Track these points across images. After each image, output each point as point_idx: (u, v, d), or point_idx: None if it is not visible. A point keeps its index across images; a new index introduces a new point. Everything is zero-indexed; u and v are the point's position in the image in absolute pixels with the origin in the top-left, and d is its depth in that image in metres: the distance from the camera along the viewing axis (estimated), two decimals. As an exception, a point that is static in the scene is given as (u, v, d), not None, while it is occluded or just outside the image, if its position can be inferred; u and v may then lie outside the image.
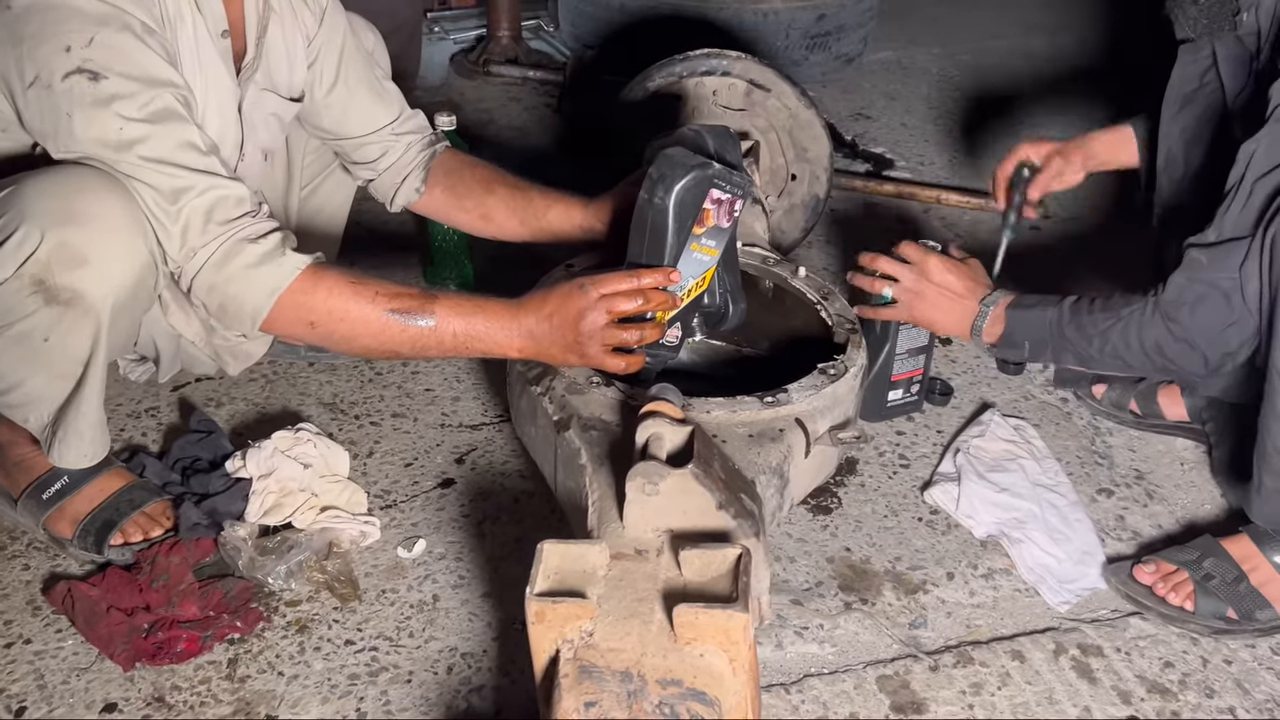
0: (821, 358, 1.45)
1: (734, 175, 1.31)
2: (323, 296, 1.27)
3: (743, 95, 1.93)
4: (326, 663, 1.28)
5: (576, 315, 1.29)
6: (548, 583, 1.00)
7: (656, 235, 1.31)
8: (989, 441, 1.66)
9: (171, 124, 1.23)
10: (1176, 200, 1.54)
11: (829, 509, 1.55)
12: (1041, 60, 3.30)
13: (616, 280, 1.29)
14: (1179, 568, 1.39)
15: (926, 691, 1.27)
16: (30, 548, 1.42)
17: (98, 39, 1.19)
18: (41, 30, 1.18)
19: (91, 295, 1.21)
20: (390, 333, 1.28)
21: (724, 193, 1.30)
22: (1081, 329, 1.39)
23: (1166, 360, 1.35)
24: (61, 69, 1.18)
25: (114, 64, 1.20)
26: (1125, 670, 1.32)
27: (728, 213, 1.32)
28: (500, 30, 3.06)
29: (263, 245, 1.26)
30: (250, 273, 1.25)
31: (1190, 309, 1.31)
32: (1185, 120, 1.51)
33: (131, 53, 1.21)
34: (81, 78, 1.18)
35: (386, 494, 1.53)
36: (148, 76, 1.22)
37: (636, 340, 1.31)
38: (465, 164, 1.66)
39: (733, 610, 0.94)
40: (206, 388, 1.72)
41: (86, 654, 1.27)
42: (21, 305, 1.20)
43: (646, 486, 1.08)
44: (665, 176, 1.28)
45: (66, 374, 1.27)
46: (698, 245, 1.33)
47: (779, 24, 2.89)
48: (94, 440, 1.35)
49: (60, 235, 1.18)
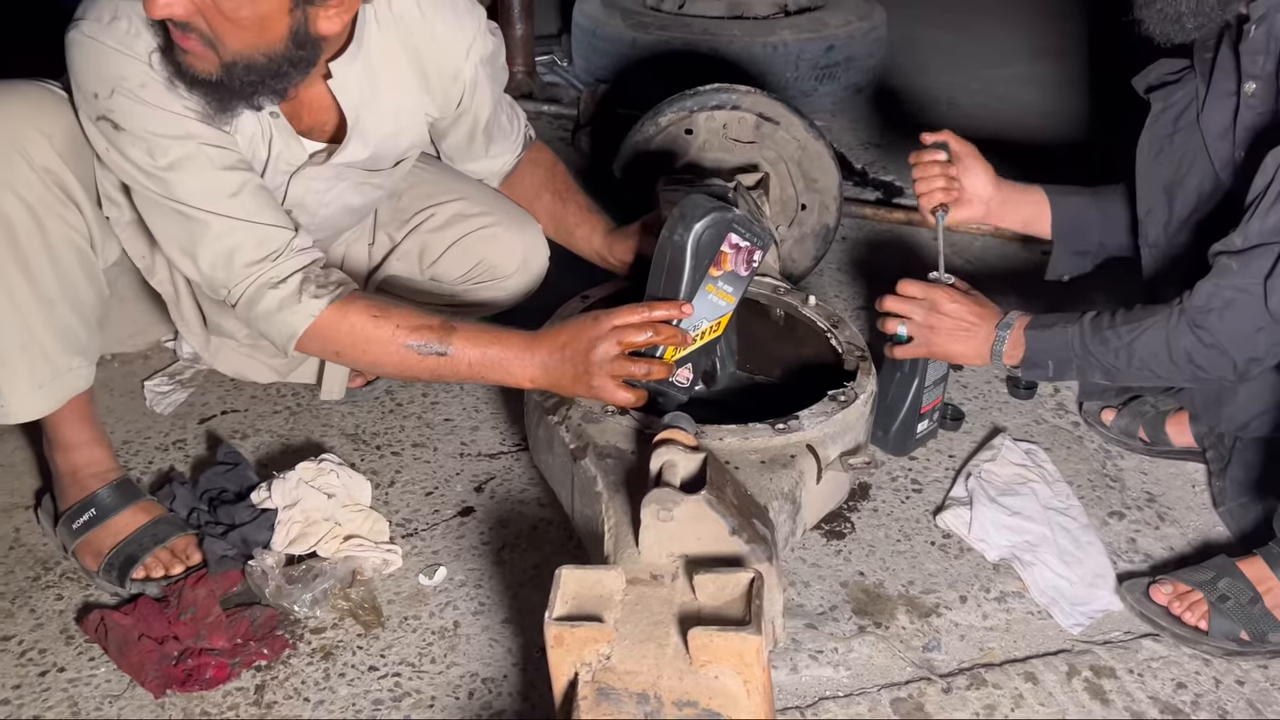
0: (832, 385, 1.48)
1: (755, 225, 1.37)
2: (345, 330, 1.35)
3: (752, 128, 1.97)
4: (351, 688, 1.31)
5: (588, 346, 1.33)
6: (566, 608, 1.03)
7: (674, 271, 1.36)
8: (1000, 466, 1.68)
9: (197, 168, 1.29)
10: (1168, 246, 1.56)
11: (842, 534, 1.57)
12: (1050, 85, 3.34)
13: (629, 313, 1.34)
14: (1194, 588, 1.40)
15: (940, 713, 1.29)
16: (64, 578, 1.46)
17: (116, 94, 1.27)
18: (77, 73, 1.27)
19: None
20: (409, 362, 1.36)
21: (743, 239, 1.36)
22: (1106, 343, 1.40)
23: (1197, 368, 1.36)
24: (93, 113, 1.29)
25: (131, 119, 1.28)
26: (1138, 691, 1.33)
27: (746, 261, 1.37)
28: (515, 66, 3.13)
29: (281, 291, 1.33)
30: (272, 317, 1.34)
31: (1219, 314, 1.32)
32: (1164, 168, 1.53)
33: (147, 111, 1.28)
34: (106, 124, 1.28)
35: (408, 522, 1.57)
36: (166, 133, 1.28)
37: (644, 374, 1.35)
38: (528, 163, 1.75)
39: (746, 633, 0.97)
40: (232, 420, 1.76)
41: (119, 681, 1.30)
42: None
43: (661, 513, 1.11)
44: (686, 215, 1.35)
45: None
46: (714, 287, 1.37)
47: (788, 56, 2.94)
48: (31, 381, 1.34)
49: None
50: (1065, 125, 3.07)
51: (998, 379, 1.92)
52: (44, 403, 1.37)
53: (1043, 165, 1.71)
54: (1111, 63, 3.47)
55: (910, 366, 1.64)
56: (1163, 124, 1.51)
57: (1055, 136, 2.97)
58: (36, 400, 1.36)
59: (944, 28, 3.82)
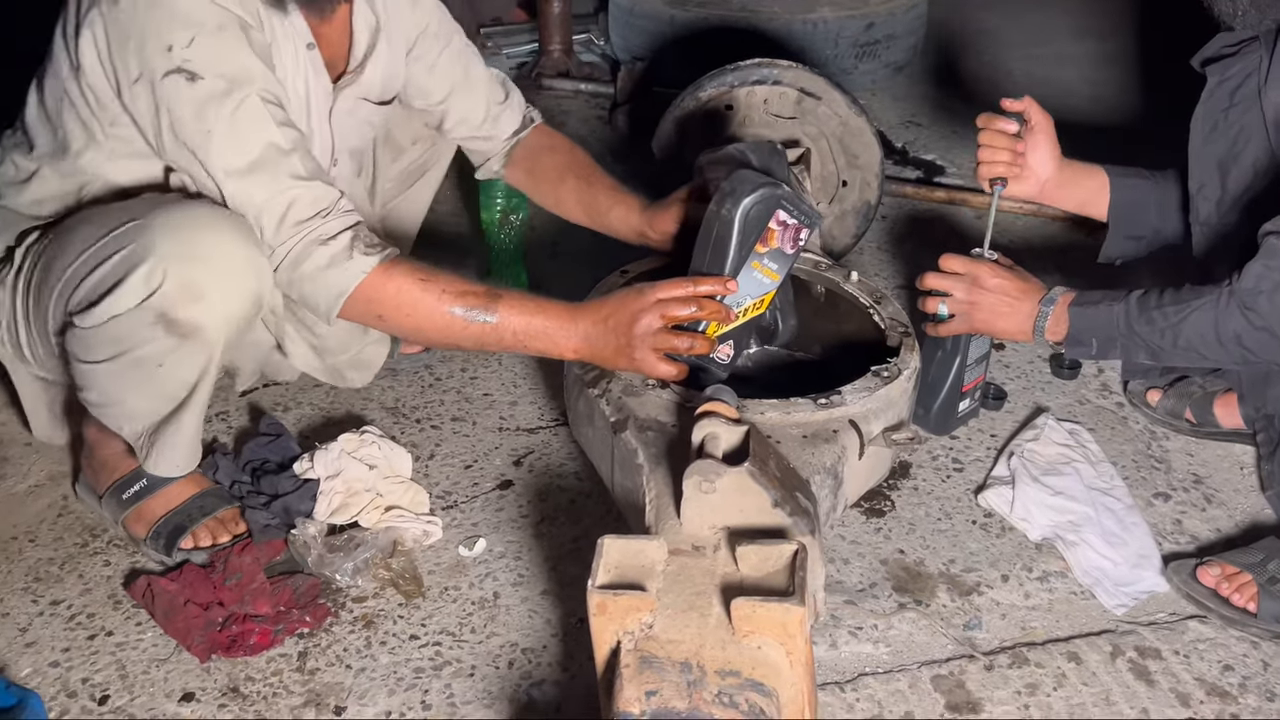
0: (875, 361, 1.47)
1: (803, 201, 1.35)
2: (392, 292, 1.33)
3: (793, 103, 1.95)
4: (392, 656, 1.32)
5: (631, 318, 1.32)
6: (609, 576, 1.03)
7: (720, 246, 1.35)
8: (1043, 445, 1.66)
9: (254, 125, 1.29)
10: (1220, 224, 1.53)
11: (882, 512, 1.56)
12: (1091, 66, 3.28)
13: (674, 286, 1.33)
14: (1243, 569, 1.38)
15: (981, 691, 1.28)
16: (111, 545, 1.48)
17: (198, 39, 1.26)
18: (146, 28, 1.26)
19: (209, 329, 1.28)
20: (454, 328, 1.34)
21: (790, 217, 1.34)
22: (1152, 323, 1.38)
23: (1246, 350, 1.34)
24: (163, 68, 1.26)
25: (211, 64, 1.27)
26: (1184, 673, 1.31)
27: (793, 239, 1.36)
28: (552, 45, 3.12)
29: (332, 247, 1.31)
30: (320, 275, 1.31)
31: (1269, 296, 1.30)
32: (1218, 143, 1.49)
33: (227, 51, 1.28)
34: (180, 78, 1.26)
35: (448, 495, 1.58)
36: (242, 74, 1.28)
37: (686, 348, 1.34)
38: (546, 149, 1.73)
39: (790, 604, 0.97)
40: (274, 393, 1.78)
41: (165, 646, 1.33)
42: (142, 334, 1.26)
43: (703, 484, 1.11)
44: (735, 190, 1.34)
45: (172, 396, 1.34)
46: (759, 264, 1.36)
47: (828, 33, 2.91)
48: (188, 453, 1.42)
49: (184, 273, 1.24)
50: (1108, 104, 3.01)
51: (1040, 359, 1.90)
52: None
53: (1084, 145, 1.66)
54: (1157, 42, 3.40)
55: (952, 344, 1.62)
56: (1218, 98, 1.48)
57: (1098, 115, 2.92)
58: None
59: (984, 7, 3.76)
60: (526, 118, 1.74)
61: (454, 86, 1.65)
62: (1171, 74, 1.58)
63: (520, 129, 1.73)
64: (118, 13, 1.26)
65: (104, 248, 1.27)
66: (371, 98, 1.56)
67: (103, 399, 1.35)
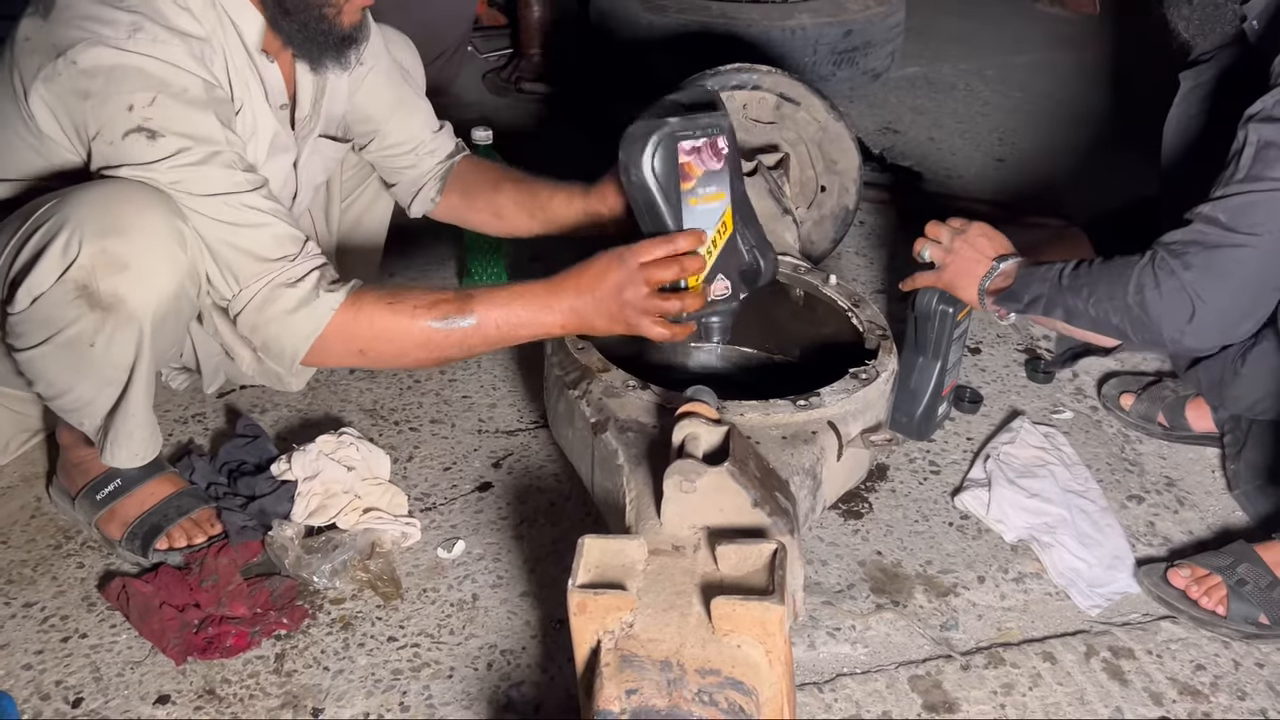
0: (853, 364, 1.48)
1: (698, 119, 1.32)
2: (365, 323, 1.31)
3: (772, 109, 1.96)
4: (370, 658, 1.31)
5: (617, 287, 1.30)
6: (589, 575, 1.03)
7: (651, 209, 1.33)
8: (1019, 448, 1.67)
9: (219, 169, 1.27)
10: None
11: (860, 514, 1.57)
12: (1067, 75, 3.32)
13: (652, 247, 1.30)
14: (1212, 572, 1.40)
15: (958, 691, 1.29)
16: (85, 546, 1.46)
17: (159, 100, 1.24)
18: (106, 88, 1.23)
19: (134, 301, 1.24)
20: (436, 341, 1.32)
21: (695, 139, 1.31)
22: (1077, 282, 1.41)
23: (1144, 313, 1.34)
24: (123, 127, 1.23)
25: (172, 124, 1.24)
26: (1157, 672, 1.33)
27: (713, 154, 1.33)
28: (531, 49, 3.12)
29: (299, 290, 1.30)
30: (288, 318, 1.30)
31: (1185, 261, 1.31)
32: (1189, 146, 1.51)
33: (190, 114, 1.26)
34: (140, 136, 1.24)
35: (426, 497, 1.57)
36: (204, 136, 1.27)
37: (679, 309, 1.32)
38: (476, 167, 1.72)
39: (769, 603, 0.97)
40: (251, 394, 1.77)
41: (140, 648, 1.31)
42: (66, 312, 1.23)
43: (684, 484, 1.11)
44: (630, 154, 1.31)
45: (113, 379, 1.30)
46: (695, 199, 1.34)
47: (806, 40, 2.93)
48: (144, 441, 1.40)
49: (102, 243, 1.21)
50: (1083, 111, 3.05)
51: (1016, 363, 1.92)
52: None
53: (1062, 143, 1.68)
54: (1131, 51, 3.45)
55: (933, 350, 1.63)
56: (1190, 102, 1.51)
57: (1072, 121, 2.96)
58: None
59: (962, 15, 3.80)
60: (458, 144, 1.73)
61: (394, 107, 1.63)
62: (1144, 79, 1.61)
63: (453, 154, 1.71)
64: (75, 71, 1.23)
65: (26, 230, 1.24)
66: (330, 134, 1.55)
67: (51, 390, 1.32)
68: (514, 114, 2.97)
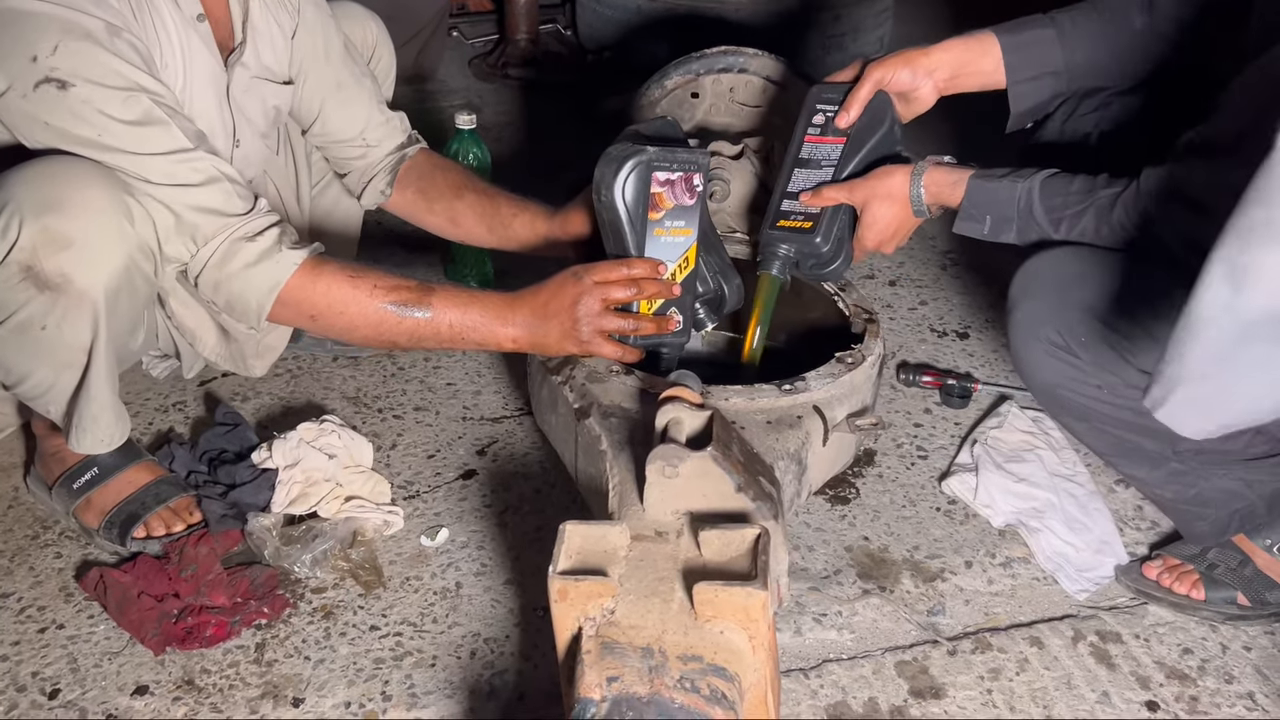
0: (839, 348, 1.46)
1: (676, 153, 1.33)
2: (322, 290, 1.30)
3: (759, 92, 1.94)
4: (352, 647, 1.30)
5: (572, 301, 1.32)
6: (570, 562, 1.02)
7: (616, 233, 1.36)
8: (1007, 432, 1.66)
9: (151, 126, 1.23)
10: None
11: (847, 499, 1.56)
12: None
13: (609, 269, 1.33)
14: (1183, 561, 1.40)
15: (945, 676, 1.28)
16: (62, 536, 1.45)
17: (62, 46, 1.18)
18: (2, 42, 1.18)
19: (81, 279, 1.21)
20: (388, 324, 1.32)
21: (670, 172, 1.33)
22: (1052, 207, 1.28)
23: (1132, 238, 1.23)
24: (32, 79, 1.19)
25: (81, 70, 1.19)
26: (1144, 656, 1.32)
27: (685, 190, 1.34)
28: (518, 34, 3.09)
29: (260, 243, 1.28)
30: (250, 271, 1.28)
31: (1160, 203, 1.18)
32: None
33: (99, 57, 1.20)
34: (50, 86, 1.19)
35: (409, 484, 1.55)
36: (118, 81, 1.21)
37: (631, 328, 1.34)
38: (438, 167, 1.66)
39: (752, 588, 0.96)
40: (232, 382, 1.75)
41: (118, 638, 1.30)
42: (14, 295, 1.20)
43: (666, 469, 1.10)
44: (604, 175, 1.33)
45: (71, 362, 1.27)
46: (661, 230, 1.36)
47: (795, 24, 2.91)
48: (110, 425, 1.36)
49: (41, 221, 1.17)
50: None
51: (1004, 347, 1.90)
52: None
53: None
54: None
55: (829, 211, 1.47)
56: None
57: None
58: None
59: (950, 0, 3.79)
60: (411, 136, 1.67)
61: (338, 83, 1.57)
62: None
63: (405, 145, 1.65)
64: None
65: None
66: (269, 77, 1.48)
67: (10, 377, 1.30)
68: (500, 100, 2.94)
